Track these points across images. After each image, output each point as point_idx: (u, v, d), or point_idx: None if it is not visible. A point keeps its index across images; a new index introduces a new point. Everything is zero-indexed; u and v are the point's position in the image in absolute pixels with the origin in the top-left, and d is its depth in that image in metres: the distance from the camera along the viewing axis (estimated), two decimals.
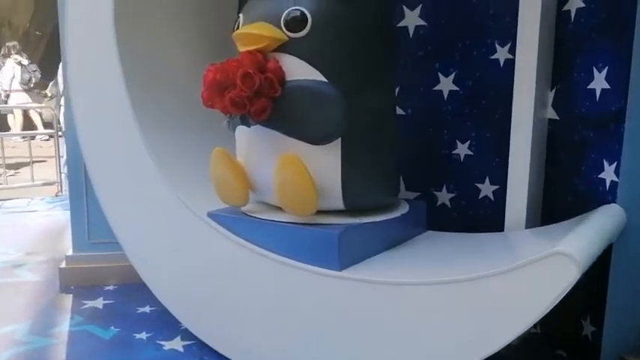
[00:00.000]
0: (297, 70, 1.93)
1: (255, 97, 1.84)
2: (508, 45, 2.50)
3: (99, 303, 2.85)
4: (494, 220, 2.54)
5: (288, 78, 1.93)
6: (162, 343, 2.40)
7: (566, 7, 2.30)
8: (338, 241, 1.91)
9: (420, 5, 2.64)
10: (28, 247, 3.79)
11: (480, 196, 2.67)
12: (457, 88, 2.65)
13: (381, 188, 2.15)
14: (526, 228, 2.33)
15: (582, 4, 2.22)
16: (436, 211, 2.69)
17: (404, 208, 2.27)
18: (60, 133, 5.55)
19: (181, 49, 2.68)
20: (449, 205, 2.74)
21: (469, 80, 2.62)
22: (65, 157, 5.46)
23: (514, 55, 2.40)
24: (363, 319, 1.89)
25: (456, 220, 2.70)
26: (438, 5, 2.62)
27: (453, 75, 2.65)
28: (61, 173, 5.60)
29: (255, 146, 2.08)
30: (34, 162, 5.77)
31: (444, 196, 2.75)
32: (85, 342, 2.42)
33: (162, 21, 2.59)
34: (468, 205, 2.70)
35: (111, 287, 3.03)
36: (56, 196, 5.60)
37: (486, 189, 2.65)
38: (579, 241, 1.61)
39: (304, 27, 1.92)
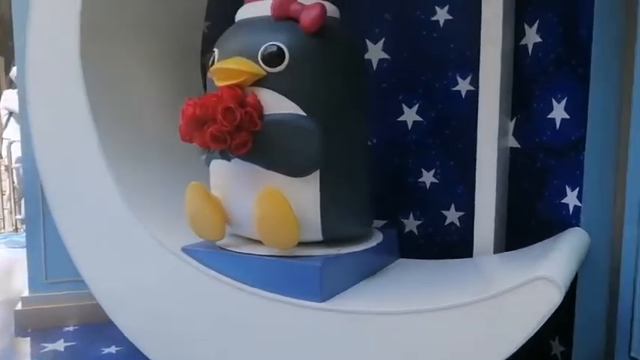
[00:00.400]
0: (275, 104, 1.95)
1: (235, 131, 1.84)
2: (469, 77, 2.61)
3: (60, 345, 2.72)
4: (461, 246, 2.61)
5: (267, 112, 1.94)
6: None
7: (523, 42, 2.43)
8: (319, 272, 1.92)
9: (383, 39, 2.72)
10: None
11: (447, 223, 2.74)
12: (421, 119, 2.74)
13: (357, 219, 2.18)
14: (493, 253, 2.41)
15: (539, 39, 2.36)
16: (404, 239, 2.74)
17: (378, 237, 2.31)
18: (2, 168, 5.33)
19: (149, 80, 2.66)
20: (416, 233, 2.80)
21: (432, 111, 2.72)
22: (7, 192, 5.27)
23: (475, 86, 2.52)
24: (346, 350, 1.90)
25: (423, 247, 2.76)
26: (400, 39, 2.71)
27: (416, 106, 2.74)
28: (3, 209, 5.37)
29: (232, 180, 2.07)
30: None
31: (411, 224, 2.81)
32: None
33: (130, 50, 2.56)
34: (434, 232, 2.77)
35: (71, 328, 2.90)
36: None
37: (452, 216, 2.73)
38: (558, 266, 1.68)
39: (282, 62, 1.95)
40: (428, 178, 2.76)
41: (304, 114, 1.96)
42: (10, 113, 5.46)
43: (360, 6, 2.71)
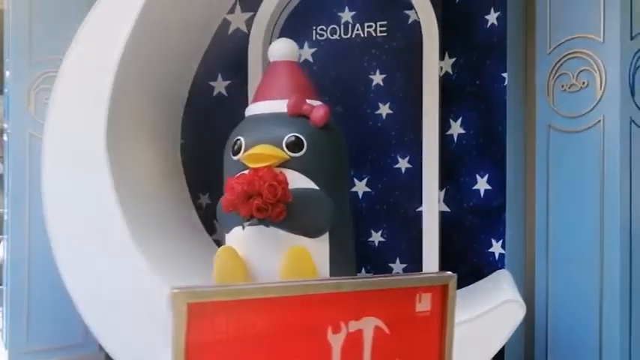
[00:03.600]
0: (296, 180, 2.49)
1: (275, 203, 2.35)
2: (407, 157, 3.35)
3: None
4: None
5: (290, 187, 2.48)
6: None
7: (449, 132, 3.24)
8: None
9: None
10: None
11: (394, 272, 3.39)
12: (369, 190, 3.41)
13: (351, 268, 2.75)
14: None
15: (462, 131, 3.18)
16: None
17: None
18: None
19: (156, 161, 3.04)
20: None
21: (379, 183, 3.40)
22: None
23: (412, 164, 3.27)
24: None
25: None
26: (351, 127, 3.38)
27: (365, 179, 3.41)
28: None
29: (255, 242, 2.53)
30: None
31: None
32: None
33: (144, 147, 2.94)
34: None
35: None
36: None
37: (397, 267, 3.39)
38: (514, 292, 2.40)
39: (302, 149, 2.51)
40: (376, 237, 3.41)
41: (317, 188, 2.53)
42: None
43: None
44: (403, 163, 3.37)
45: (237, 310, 0.82)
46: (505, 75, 2.95)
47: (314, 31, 3.49)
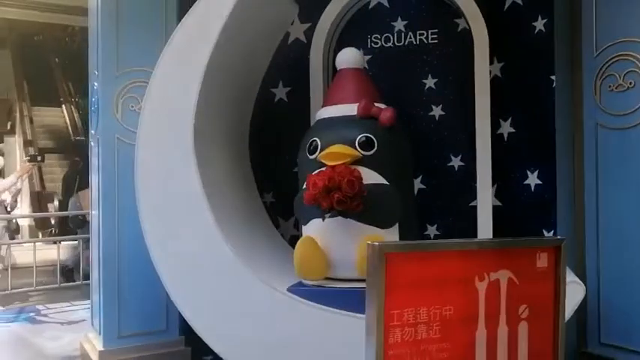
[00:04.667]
0: (368, 176, 2.77)
1: (354, 196, 2.62)
2: (460, 156, 3.59)
3: None
4: None
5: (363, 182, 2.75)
6: None
7: (499, 131, 3.48)
8: None
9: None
10: (7, 356, 3.80)
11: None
12: (424, 186, 3.66)
13: None
14: None
15: (512, 130, 3.42)
16: None
17: None
18: None
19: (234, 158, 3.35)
20: None
21: (433, 180, 3.65)
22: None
23: (464, 162, 3.51)
24: None
25: None
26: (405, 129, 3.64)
27: (420, 177, 3.66)
28: None
29: (332, 233, 2.80)
30: None
31: None
32: None
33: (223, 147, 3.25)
34: None
35: None
36: None
37: None
38: (573, 275, 2.63)
39: (372, 148, 2.79)
40: (432, 231, 3.65)
41: (387, 183, 2.79)
42: None
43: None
44: (456, 162, 3.61)
45: (417, 260, 1.09)
46: (553, 77, 3.18)
47: (369, 40, 3.74)
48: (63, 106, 19.80)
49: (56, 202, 11.86)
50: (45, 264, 6.34)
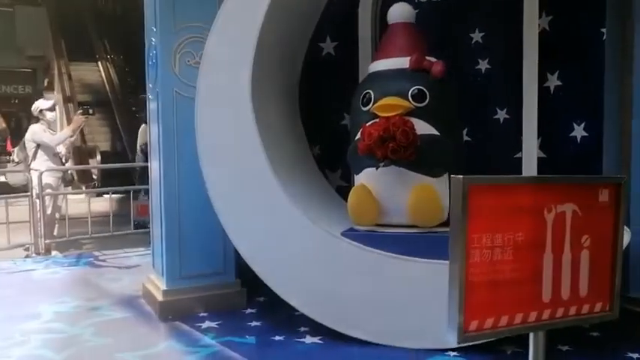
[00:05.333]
0: (420, 127, 2.89)
1: (408, 146, 2.75)
2: (505, 109, 3.67)
3: (210, 324, 3.37)
4: None
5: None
6: (301, 340, 3.07)
7: (546, 84, 3.54)
8: None
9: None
10: (75, 295, 4.10)
11: None
12: (469, 139, 3.76)
13: None
14: None
15: (559, 83, 3.48)
16: None
17: None
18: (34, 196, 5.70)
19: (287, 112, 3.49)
20: None
21: (479, 133, 3.74)
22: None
23: (509, 115, 3.59)
24: None
25: None
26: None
27: (466, 129, 3.75)
28: (36, 236, 5.71)
29: (385, 181, 2.95)
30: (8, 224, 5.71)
31: None
32: (240, 347, 2.99)
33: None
34: None
35: (206, 314, 3.55)
36: (27, 257, 5.68)
37: None
38: None
39: (424, 99, 2.90)
40: None
41: (438, 133, 2.91)
42: (38, 145, 5.81)
43: None
44: (501, 114, 3.70)
45: (496, 192, 1.24)
46: (604, 30, 3.21)
47: None
48: (99, 62, 20.16)
49: (98, 157, 12.25)
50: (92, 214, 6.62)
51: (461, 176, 1.26)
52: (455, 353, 2.83)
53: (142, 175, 6.53)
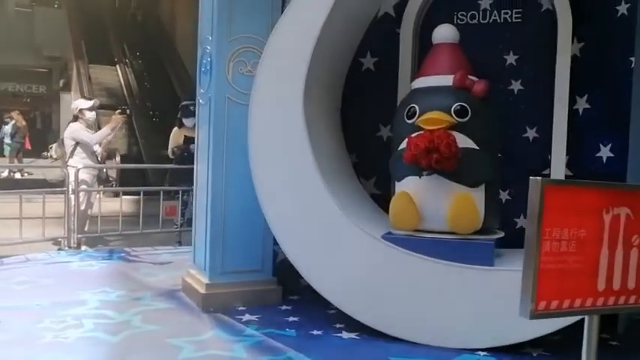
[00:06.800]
0: (461, 141, 3.11)
1: (451, 157, 2.98)
2: (535, 127, 3.90)
3: (250, 317, 3.58)
4: None
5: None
6: (338, 335, 3.28)
7: (575, 107, 3.76)
8: (492, 247, 3.07)
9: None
10: (115, 285, 4.31)
11: (517, 227, 3.95)
12: (499, 154, 3.98)
13: (498, 213, 3.36)
14: None
15: (588, 106, 3.70)
16: None
17: (500, 232, 3.48)
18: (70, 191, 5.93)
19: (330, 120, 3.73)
20: None
21: (508, 149, 3.95)
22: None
23: (539, 133, 3.81)
24: (502, 296, 2.99)
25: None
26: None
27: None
28: (69, 230, 5.93)
29: (426, 189, 3.17)
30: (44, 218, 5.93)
31: None
32: (282, 339, 3.19)
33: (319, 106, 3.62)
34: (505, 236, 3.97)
35: (244, 308, 3.75)
36: (59, 250, 5.91)
37: (521, 222, 3.94)
38: None
39: (466, 115, 3.13)
40: (503, 196, 3.98)
41: (477, 147, 3.14)
42: (77, 143, 6.06)
43: None
44: (531, 133, 3.92)
45: (565, 193, 1.47)
46: (632, 59, 3.44)
47: (455, 17, 4.04)
48: (117, 65, 20.52)
49: (118, 158, 12.51)
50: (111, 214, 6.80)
51: (539, 178, 1.48)
52: (484, 353, 3.03)
53: (172, 177, 6.77)
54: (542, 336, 2.96)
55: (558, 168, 3.70)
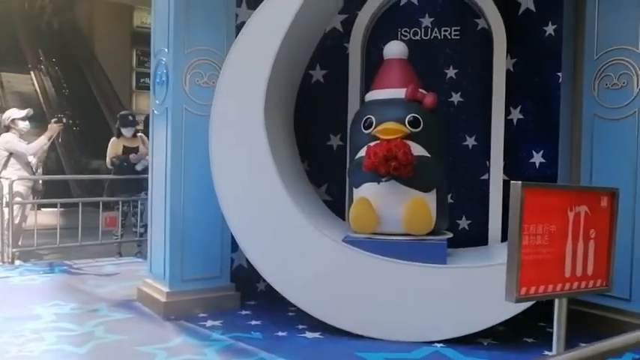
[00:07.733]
0: (415, 149, 3.37)
1: (407, 165, 3.22)
2: (474, 136, 4.23)
3: (214, 323, 3.65)
4: (472, 240, 4.14)
5: None
6: (302, 335, 3.42)
7: (510, 117, 4.13)
8: (444, 246, 3.34)
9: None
10: (66, 299, 4.24)
11: (459, 228, 4.27)
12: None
13: (446, 214, 3.64)
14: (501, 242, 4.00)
15: (521, 116, 4.08)
16: None
17: (449, 233, 3.76)
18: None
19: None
20: None
21: (450, 157, 4.27)
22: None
23: (477, 142, 4.15)
24: (456, 292, 3.27)
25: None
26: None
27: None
28: (3, 244, 5.72)
29: (383, 194, 3.40)
30: None
31: None
32: (250, 341, 3.29)
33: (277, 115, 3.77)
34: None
35: (206, 314, 3.82)
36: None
37: (463, 223, 4.27)
38: None
39: (419, 126, 3.39)
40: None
41: (429, 155, 3.40)
42: (10, 154, 5.83)
43: None
44: (470, 141, 4.25)
45: (540, 195, 1.71)
46: (560, 74, 3.84)
47: (399, 33, 4.32)
48: (31, 72, 19.61)
49: (40, 170, 12.00)
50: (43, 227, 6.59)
51: (519, 182, 1.72)
52: (441, 345, 3.27)
53: (111, 188, 6.66)
54: (491, 327, 3.25)
55: (497, 173, 4.05)
